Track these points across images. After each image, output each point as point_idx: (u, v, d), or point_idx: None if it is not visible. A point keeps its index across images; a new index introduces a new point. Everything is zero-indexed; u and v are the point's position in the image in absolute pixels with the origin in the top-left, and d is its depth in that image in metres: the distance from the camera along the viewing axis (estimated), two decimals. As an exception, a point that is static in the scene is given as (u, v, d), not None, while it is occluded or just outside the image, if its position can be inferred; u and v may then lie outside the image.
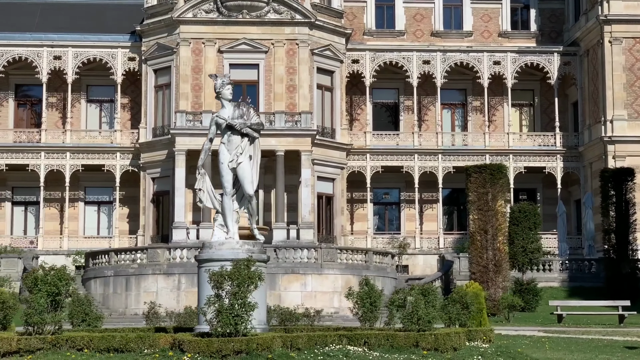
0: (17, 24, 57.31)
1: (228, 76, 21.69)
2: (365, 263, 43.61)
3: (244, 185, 20.77)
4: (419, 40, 59.06)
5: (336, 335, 17.67)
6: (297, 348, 17.07)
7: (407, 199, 58.04)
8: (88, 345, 17.03)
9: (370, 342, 17.69)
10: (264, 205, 53.16)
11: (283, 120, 51.88)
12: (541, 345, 29.37)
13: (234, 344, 16.22)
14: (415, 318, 18.55)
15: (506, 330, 34.59)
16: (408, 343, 17.80)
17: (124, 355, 16.63)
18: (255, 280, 17.22)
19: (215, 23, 53.78)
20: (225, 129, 20.72)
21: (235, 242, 20.50)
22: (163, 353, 16.39)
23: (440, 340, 17.85)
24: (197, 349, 16.20)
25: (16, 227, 57.08)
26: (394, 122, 59.61)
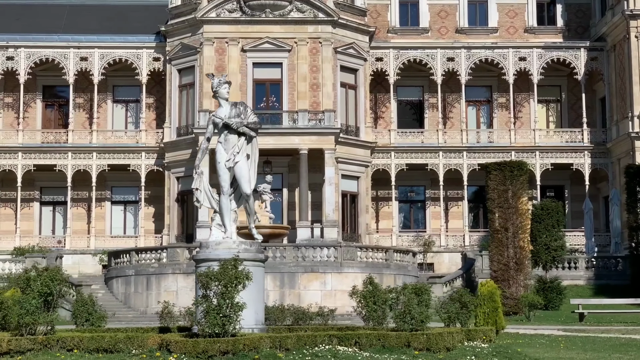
0: (45, 25, 57.82)
1: (225, 75, 21.69)
2: (385, 261, 43.47)
3: (241, 185, 20.80)
4: (443, 38, 58.77)
5: (326, 336, 17.62)
6: (285, 348, 17.04)
7: (432, 197, 57.83)
8: (78, 345, 17.12)
9: (361, 342, 17.62)
10: (288, 204, 53.24)
11: (306, 118, 51.86)
12: (556, 345, 29.10)
13: (220, 344, 16.21)
14: (408, 317, 18.42)
15: (525, 329, 34.37)
16: (400, 343, 17.70)
17: (113, 355, 16.70)
18: (242, 280, 17.18)
19: (239, 22, 53.88)
20: (222, 128, 20.79)
21: (232, 241, 20.53)
22: (150, 353, 16.45)
23: (432, 340, 17.73)
24: (184, 349, 16.22)
25: (44, 227, 57.59)
26: (418, 120, 59.40)
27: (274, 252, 41.95)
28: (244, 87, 53.59)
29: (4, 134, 56.57)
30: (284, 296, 40.81)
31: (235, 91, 53.34)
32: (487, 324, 31.63)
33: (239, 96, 53.28)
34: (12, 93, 57.52)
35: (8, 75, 56.61)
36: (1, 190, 56.77)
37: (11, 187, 55.99)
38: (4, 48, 56.03)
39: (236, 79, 53.41)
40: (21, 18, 58.27)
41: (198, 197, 20.96)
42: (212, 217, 21.17)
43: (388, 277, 43.06)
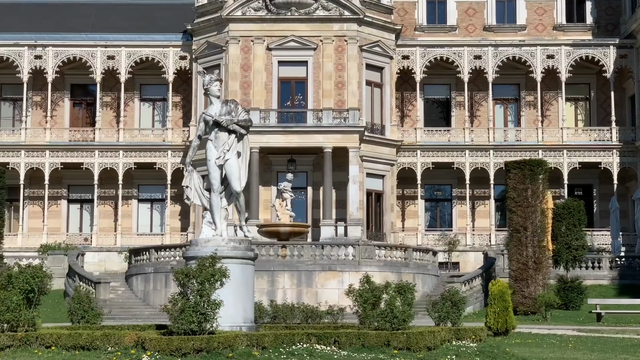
0: (73, 24, 58.33)
1: (217, 73, 21.72)
2: (404, 260, 43.27)
3: (231, 182, 20.79)
4: (471, 35, 58.38)
5: (304, 334, 17.54)
6: (262, 347, 16.97)
7: (459, 196, 57.51)
8: (56, 342, 17.20)
9: (340, 341, 17.51)
10: (313, 202, 53.22)
11: (331, 117, 51.79)
12: (565, 345, 28.80)
13: (194, 342, 16.20)
14: (390, 316, 18.27)
15: (539, 329, 34.03)
16: (379, 342, 17.57)
17: (89, 352, 16.75)
18: (219, 278, 17.13)
19: (264, 21, 53.93)
20: (212, 125, 20.78)
21: (220, 239, 20.52)
22: (125, 351, 16.48)
23: (412, 339, 17.57)
24: (158, 347, 16.23)
25: (72, 224, 58.10)
26: (445, 118, 59.09)
27: (292, 250, 41.95)
28: (269, 86, 53.65)
29: (32, 132, 57.13)
30: (301, 294, 40.81)
31: (261, 89, 53.51)
32: (498, 324, 31.53)
33: (264, 94, 53.47)
34: (41, 92, 58.07)
35: (36, 74, 57.19)
36: (29, 188, 57.29)
37: (39, 185, 56.56)
38: (32, 47, 56.61)
39: (261, 77, 53.53)
40: (49, 17, 58.79)
41: (188, 194, 21.00)
42: (203, 215, 21.16)
43: (407, 276, 42.79)
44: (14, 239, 55.56)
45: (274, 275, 41.52)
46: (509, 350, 19.98)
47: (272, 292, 40.73)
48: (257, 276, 41.01)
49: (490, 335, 31.55)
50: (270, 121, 51.95)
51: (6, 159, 55.86)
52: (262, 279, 41.38)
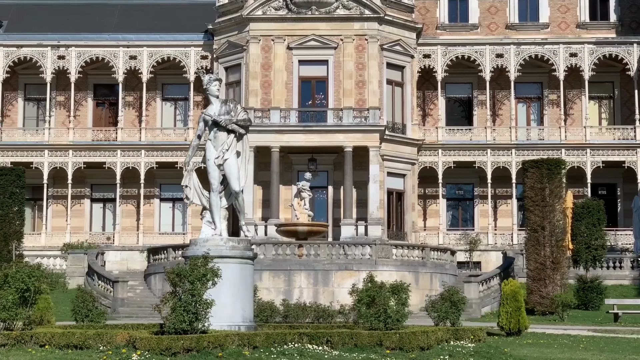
0: (97, 25, 58.72)
1: (217, 73, 21.76)
2: (421, 260, 43.14)
3: (230, 182, 20.85)
4: (493, 34, 58.07)
5: (296, 334, 17.53)
6: (254, 346, 16.98)
7: (480, 195, 57.26)
8: (50, 341, 17.30)
9: (333, 341, 17.48)
10: (334, 201, 53.18)
11: (351, 116, 51.70)
12: (576, 346, 28.63)
13: (183, 341, 16.24)
14: (383, 316, 18.22)
15: (553, 330, 33.82)
16: (372, 342, 17.54)
17: (82, 351, 16.84)
18: (210, 277, 17.16)
19: (284, 20, 53.98)
20: (211, 125, 20.83)
21: (219, 238, 20.58)
22: (117, 350, 16.55)
23: (405, 339, 17.51)
24: (148, 346, 16.29)
25: (95, 223, 58.46)
26: (467, 117, 58.84)
27: (308, 249, 41.95)
28: (289, 85, 53.70)
29: (55, 132, 57.56)
30: (317, 294, 40.83)
31: (281, 89, 53.55)
32: (510, 324, 31.35)
33: (284, 93, 53.51)
34: (64, 92, 58.53)
35: (60, 74, 57.61)
36: (53, 187, 57.72)
37: (62, 185, 56.98)
38: (56, 47, 57.01)
39: (282, 77, 53.59)
40: (73, 18, 59.20)
41: (187, 194, 21.06)
42: (203, 215, 21.21)
43: (424, 275, 42.81)
44: (37, 238, 56.03)
45: (291, 275, 41.57)
46: (507, 350, 19.85)
47: (289, 292, 40.79)
48: (273, 275, 41.53)
49: (503, 335, 31.45)
50: (290, 120, 51.96)
51: (30, 158, 56.30)
52: (278, 279, 41.52)
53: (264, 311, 31.00)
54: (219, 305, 19.52)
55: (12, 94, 59.45)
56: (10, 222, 44.21)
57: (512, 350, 21.26)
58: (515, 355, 19.62)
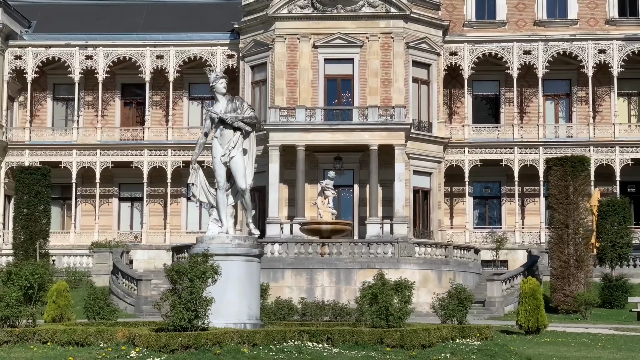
0: (124, 25, 59.12)
1: (222, 70, 21.77)
2: (444, 258, 42.94)
3: (237, 179, 20.83)
4: (521, 30, 57.67)
5: (296, 331, 17.51)
6: (253, 344, 16.98)
7: (507, 193, 56.91)
8: (52, 338, 17.40)
9: (333, 339, 17.44)
10: (359, 200, 53.10)
11: (376, 114, 51.57)
12: (594, 344, 28.43)
13: (181, 338, 16.28)
14: (384, 314, 18.15)
15: (574, 328, 33.58)
16: (372, 340, 17.47)
17: (82, 348, 16.93)
18: (211, 275, 17.17)
19: (310, 18, 53.96)
20: (218, 123, 20.83)
21: (225, 236, 20.54)
22: (116, 347, 16.61)
23: (406, 337, 17.42)
24: (147, 343, 16.36)
25: (123, 222, 58.84)
26: (494, 115, 58.50)
27: (330, 248, 41.92)
28: (315, 83, 53.69)
29: (84, 131, 58.01)
30: (339, 292, 40.76)
31: (307, 87, 53.55)
32: (529, 322, 31.17)
33: (310, 92, 53.51)
34: (92, 91, 58.98)
35: (88, 74, 58.02)
36: (82, 186, 58.16)
37: (91, 184, 57.36)
38: (84, 47, 57.45)
39: (308, 75, 53.59)
40: (101, 18, 59.62)
41: (194, 192, 21.04)
42: (210, 212, 21.21)
43: (447, 273, 42.61)
44: (66, 237, 56.55)
45: (313, 273, 41.58)
46: (513, 348, 19.69)
47: (311, 290, 40.80)
48: (296, 274, 41.57)
49: (522, 333, 31.27)
50: (315, 119, 51.93)
51: (59, 158, 56.82)
52: (300, 277, 41.55)
53: (281, 309, 30.91)
54: (225, 303, 19.57)
55: (41, 94, 59.98)
56: (36, 220, 44.56)
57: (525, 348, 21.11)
58: (521, 354, 19.45)
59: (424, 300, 41.66)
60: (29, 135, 57.87)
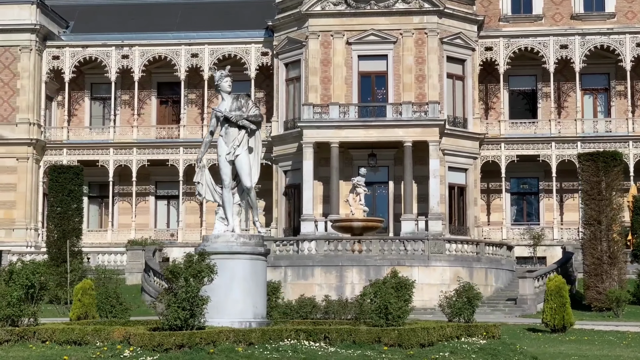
0: (160, 24, 59.46)
1: (228, 68, 21.72)
2: (476, 255, 42.54)
3: (242, 178, 20.74)
4: (557, 25, 56.94)
5: (293, 330, 17.39)
6: (249, 343, 16.89)
7: (545, 189, 56.28)
8: (51, 337, 17.46)
9: (331, 338, 17.29)
10: (394, 196, 52.84)
11: (410, 110, 51.24)
12: (619, 343, 28.06)
13: (175, 337, 16.23)
14: (383, 313, 17.96)
15: (604, 326, 33.11)
16: (370, 339, 17.30)
17: (80, 347, 16.97)
18: (207, 274, 17.12)
19: (343, 15, 53.80)
20: (223, 121, 20.73)
21: (230, 235, 20.47)
22: (112, 346, 16.62)
23: (404, 336, 17.22)
24: (141, 342, 16.34)
25: (159, 220, 59.18)
26: (531, 110, 57.87)
27: (360, 245, 41.71)
28: (349, 80, 53.52)
29: (120, 130, 58.44)
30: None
31: (341, 84, 53.40)
32: (554, 320, 30.81)
33: (344, 89, 53.36)
34: (129, 90, 59.36)
35: (124, 74, 58.42)
36: (119, 185, 58.57)
37: (128, 182, 57.74)
38: (120, 47, 57.83)
39: (341, 72, 53.45)
40: (137, 17, 59.98)
41: (200, 190, 21.00)
42: (216, 211, 21.17)
43: (479, 271, 42.23)
44: (103, 235, 57.04)
45: (342, 271, 41.41)
46: (518, 347, 19.38)
47: (341, 287, 40.65)
48: (325, 271, 41.45)
49: (547, 332, 30.91)
50: (349, 116, 51.75)
51: (96, 156, 57.36)
52: (330, 274, 41.42)
53: (303, 307, 30.73)
54: (230, 302, 19.54)
55: (79, 94, 60.53)
56: (69, 219, 44.89)
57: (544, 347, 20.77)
58: (526, 353, 19.14)
59: (454, 298, 41.37)
60: (67, 134, 58.45)
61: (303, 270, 41.37)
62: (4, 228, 55.56)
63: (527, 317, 38.32)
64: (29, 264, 18.94)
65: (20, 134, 56.82)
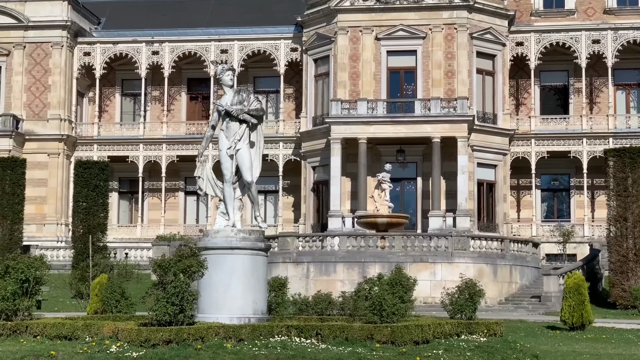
0: (191, 20, 59.61)
1: (231, 62, 21.61)
2: (500, 251, 42.03)
3: (242, 172, 20.58)
4: (590, 19, 56.18)
5: (284, 326, 17.19)
6: (239, 339, 16.72)
7: (577, 185, 55.56)
8: (42, 332, 17.42)
9: (323, 334, 17.07)
10: (422, 193, 52.53)
11: (439, 106, 50.90)
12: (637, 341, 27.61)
13: (162, 333, 16.10)
14: (377, 310, 17.71)
15: (625, 324, 32.64)
16: (363, 335, 17.05)
17: (70, 342, 16.91)
18: (197, 269, 16.98)
19: (372, 10, 53.53)
20: (224, 115, 20.57)
21: (230, 230, 20.32)
22: (101, 341, 16.52)
23: (397, 333, 16.95)
24: (129, 337, 16.22)
25: (189, 216, 59.25)
26: (563, 106, 57.16)
27: (383, 241, 41.41)
28: (378, 76, 53.25)
29: (150, 126, 58.62)
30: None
31: (369, 80, 53.15)
32: (573, 318, 30.36)
33: (372, 84, 53.11)
34: (159, 87, 59.52)
35: (155, 70, 58.58)
36: (149, 180, 58.75)
37: (157, 178, 57.89)
38: (150, 43, 57.99)
39: (370, 68, 53.20)
40: (168, 14, 60.22)
41: (200, 185, 20.89)
42: (217, 206, 21.04)
43: (503, 267, 41.76)
44: (133, 230, 57.29)
45: (365, 267, 41.09)
46: (519, 345, 19.03)
47: (363, 284, 40.28)
48: (348, 267, 41.17)
49: (566, 329, 30.46)
50: (377, 111, 51.48)
51: (126, 152, 57.60)
52: (352, 271, 41.13)
53: (319, 303, 30.48)
54: (229, 297, 19.40)
55: (110, 90, 60.82)
56: (95, 214, 45.07)
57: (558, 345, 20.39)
58: (526, 351, 18.78)
59: (478, 295, 40.94)
60: (98, 130, 58.76)
61: (325, 266, 41.16)
62: (35, 223, 55.91)
63: (550, 314, 37.79)
64: (25, 257, 18.91)
65: (52, 129, 57.21)
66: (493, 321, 19.92)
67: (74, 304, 38.35)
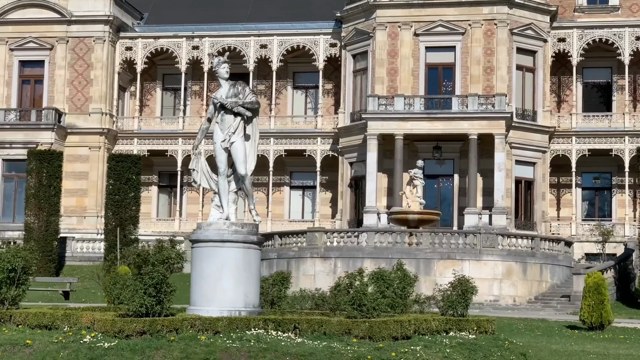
0: (232, 15, 59.70)
1: (227, 55, 21.54)
2: (530, 250, 41.47)
3: (237, 165, 20.55)
4: (635, 15, 55.18)
5: (262, 320, 17.08)
6: (215, 331, 16.65)
7: (618, 184, 54.61)
8: (24, 321, 17.52)
9: (301, 328, 16.94)
10: (459, 190, 52.07)
11: (476, 103, 50.37)
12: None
13: (136, 324, 16.08)
14: (357, 304, 17.51)
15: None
16: (340, 330, 16.87)
17: (48, 332, 16.99)
18: (175, 260, 16.94)
19: (411, 6, 53.16)
20: (219, 108, 20.54)
21: (222, 222, 20.31)
22: (78, 331, 16.56)
23: (375, 328, 16.74)
24: (103, 328, 16.25)
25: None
26: (606, 103, 56.20)
27: (411, 237, 41.11)
28: (416, 72, 52.88)
29: (190, 120, 58.96)
30: (419, 283, 39.70)
31: (407, 76, 52.79)
32: (592, 317, 29.87)
33: (410, 80, 52.74)
34: (199, 81, 59.76)
35: (195, 64, 58.88)
36: (187, 174, 58.74)
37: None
38: (190, 38, 58.27)
39: (408, 64, 52.84)
40: (209, 9, 60.37)
41: (195, 177, 20.86)
42: (212, 199, 21.01)
43: (533, 266, 41.21)
44: (171, 224, 57.54)
45: (392, 263, 40.49)
46: (507, 343, 18.68)
47: (390, 280, 40.01)
48: (375, 263, 40.82)
49: (584, 329, 29.97)
50: (414, 108, 51.08)
51: (165, 146, 57.95)
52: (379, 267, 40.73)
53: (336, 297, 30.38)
54: (219, 290, 19.34)
55: (151, 84, 61.22)
56: (127, 207, 45.37)
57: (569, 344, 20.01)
58: (514, 349, 18.41)
59: (506, 293, 40.53)
60: (138, 124, 59.16)
61: (353, 262, 40.87)
62: (76, 215, 56.48)
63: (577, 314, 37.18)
64: (12, 247, 19.03)
65: (93, 123, 57.73)
66: (484, 318, 19.61)
67: (102, 295, 38.66)
